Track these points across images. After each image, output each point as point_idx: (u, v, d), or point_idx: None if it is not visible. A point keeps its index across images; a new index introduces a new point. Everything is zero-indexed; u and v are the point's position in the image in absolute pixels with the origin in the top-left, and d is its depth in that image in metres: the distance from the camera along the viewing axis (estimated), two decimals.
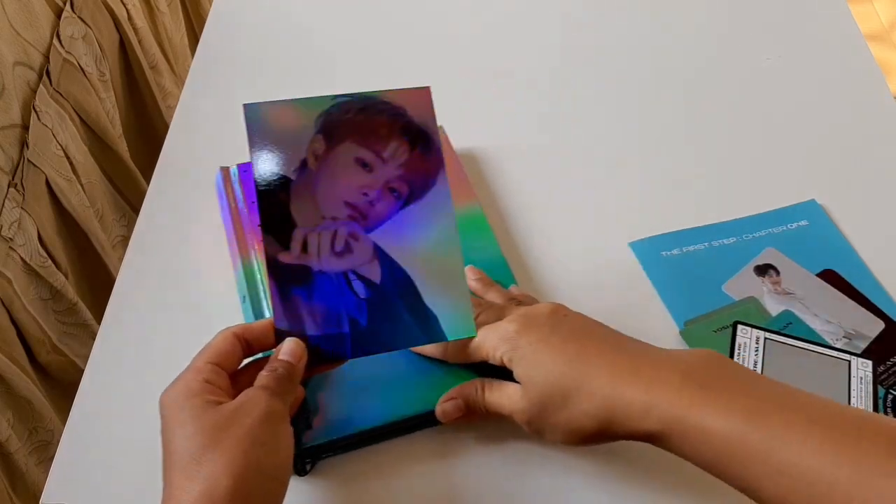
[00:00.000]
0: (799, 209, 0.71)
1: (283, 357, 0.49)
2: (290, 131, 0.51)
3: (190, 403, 0.45)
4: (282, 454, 0.45)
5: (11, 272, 0.79)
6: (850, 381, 0.60)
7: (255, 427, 0.44)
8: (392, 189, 0.52)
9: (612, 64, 0.87)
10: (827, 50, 0.87)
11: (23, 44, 0.85)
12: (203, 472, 0.42)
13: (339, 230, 0.50)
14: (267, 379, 0.47)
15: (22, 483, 0.82)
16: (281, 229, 0.50)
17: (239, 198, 0.67)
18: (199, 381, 0.46)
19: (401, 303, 0.51)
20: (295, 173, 0.51)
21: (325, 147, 0.51)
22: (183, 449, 0.43)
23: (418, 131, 0.52)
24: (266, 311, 0.61)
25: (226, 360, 0.48)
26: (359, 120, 0.52)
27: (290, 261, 0.50)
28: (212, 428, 0.43)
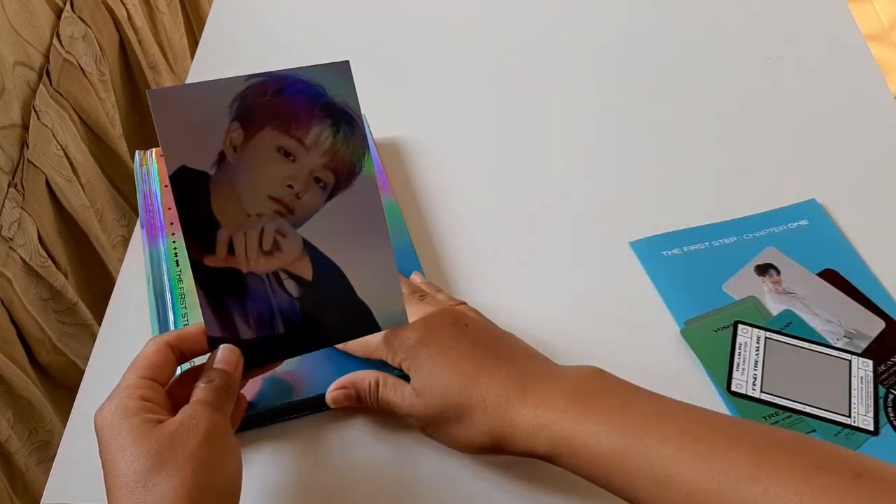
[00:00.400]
0: (799, 209, 0.71)
1: (218, 366, 0.47)
2: (204, 119, 0.46)
3: (128, 424, 0.43)
4: (230, 469, 0.44)
5: (11, 272, 0.79)
6: (851, 380, 0.60)
7: (200, 446, 0.42)
8: (317, 179, 0.49)
9: (612, 63, 0.87)
10: (827, 50, 0.87)
11: (23, 44, 0.85)
12: (151, 497, 0.40)
13: (266, 227, 0.48)
14: (204, 392, 0.46)
15: (22, 483, 0.82)
16: (203, 231, 0.47)
17: (154, 180, 0.68)
18: (135, 398, 0.44)
19: (334, 298, 0.50)
20: (213, 168, 0.47)
21: (244, 136, 0.47)
22: (127, 473, 0.41)
23: (341, 112, 0.49)
24: (167, 295, 0.62)
25: (159, 372, 0.47)
26: (277, 103, 0.48)
27: (216, 265, 0.47)
28: (156, 450, 0.42)
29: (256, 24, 0.93)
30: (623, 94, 0.83)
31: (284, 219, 0.48)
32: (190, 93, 0.47)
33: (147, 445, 0.42)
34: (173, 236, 0.66)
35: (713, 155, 0.77)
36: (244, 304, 0.48)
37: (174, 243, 0.65)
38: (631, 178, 0.75)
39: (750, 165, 0.76)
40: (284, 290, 0.49)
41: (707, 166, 0.76)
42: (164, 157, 0.48)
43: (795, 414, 0.58)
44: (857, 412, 0.58)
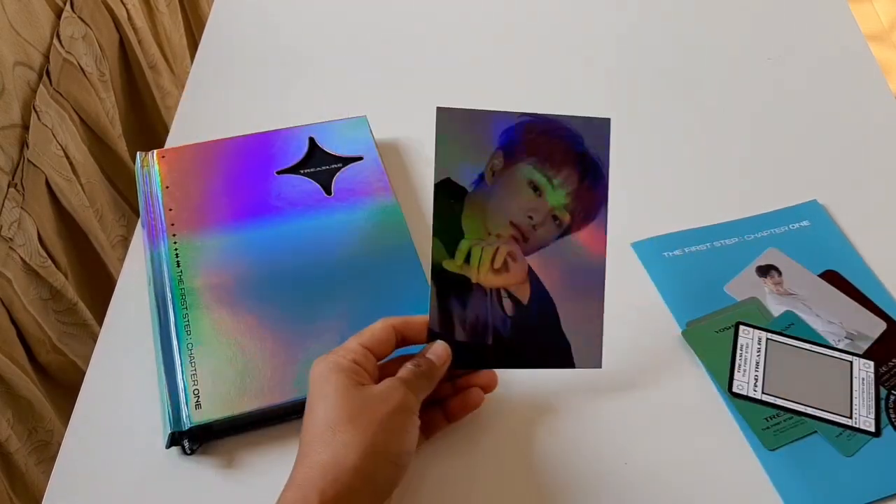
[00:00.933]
0: (800, 210, 0.71)
1: (429, 356, 0.53)
2: (475, 142, 0.53)
3: (335, 378, 0.49)
4: (406, 443, 0.49)
5: (11, 272, 0.79)
6: (853, 381, 0.59)
7: (389, 415, 0.48)
8: (555, 217, 0.55)
9: (613, 64, 0.87)
10: (827, 50, 0.87)
11: (23, 44, 0.85)
12: (336, 442, 0.46)
13: (501, 248, 0.53)
14: (408, 372, 0.51)
15: (21, 483, 0.82)
16: (449, 237, 0.53)
17: (155, 182, 0.70)
18: (349, 360, 0.50)
19: (542, 326, 0.55)
20: (472, 186, 0.53)
21: (504, 164, 0.54)
22: (322, 417, 0.48)
23: (591, 162, 0.55)
24: (168, 295, 0.63)
25: (379, 346, 0.52)
26: (540, 142, 0.54)
27: (452, 269, 0.53)
28: (351, 406, 0.48)
29: (256, 25, 0.93)
30: (623, 95, 0.83)
31: (518, 245, 0.54)
32: (470, 115, 0.53)
33: (346, 400, 0.48)
34: (174, 237, 0.66)
35: (714, 155, 0.77)
36: (465, 309, 0.53)
37: (175, 244, 0.66)
38: (632, 179, 0.75)
39: (751, 166, 0.76)
40: (501, 308, 0.54)
41: (708, 167, 0.76)
42: (435, 166, 0.53)
43: (796, 415, 0.58)
44: (858, 414, 0.58)
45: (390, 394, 0.49)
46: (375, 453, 0.47)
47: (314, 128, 0.75)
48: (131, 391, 0.61)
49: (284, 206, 0.69)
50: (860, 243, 0.68)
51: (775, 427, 0.57)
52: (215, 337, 0.60)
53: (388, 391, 0.49)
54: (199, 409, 0.57)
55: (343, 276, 0.64)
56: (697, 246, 0.69)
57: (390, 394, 0.49)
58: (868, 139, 0.78)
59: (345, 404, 0.48)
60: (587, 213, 0.55)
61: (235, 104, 0.84)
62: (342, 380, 0.49)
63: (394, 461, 0.48)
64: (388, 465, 0.48)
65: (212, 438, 0.58)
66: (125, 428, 0.59)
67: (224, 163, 0.72)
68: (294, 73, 0.87)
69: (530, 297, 0.55)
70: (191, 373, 0.58)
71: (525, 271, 0.54)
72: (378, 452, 0.47)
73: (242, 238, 0.67)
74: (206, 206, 0.69)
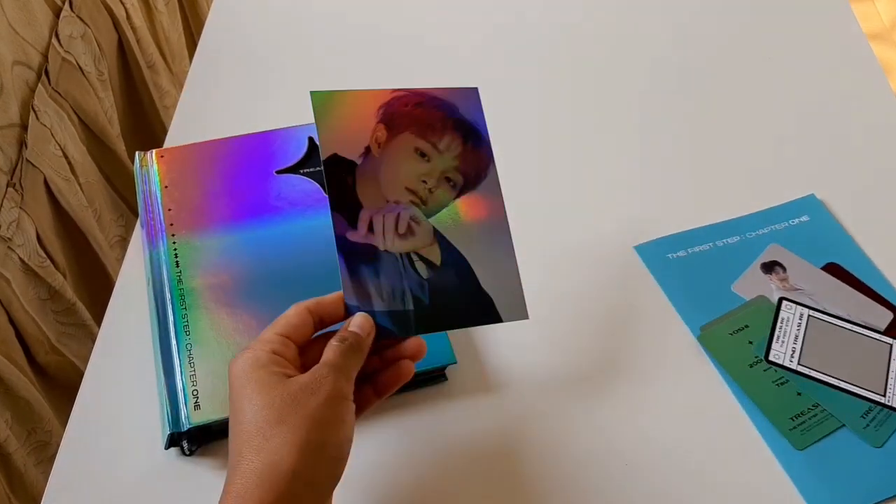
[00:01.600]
0: (799, 205, 0.71)
1: (352, 329, 0.50)
2: (355, 119, 0.55)
3: (257, 375, 0.46)
4: (343, 434, 0.47)
5: (10, 272, 0.79)
6: (891, 363, 0.60)
7: (320, 408, 0.45)
8: (448, 178, 0.56)
9: (612, 64, 0.87)
10: (828, 49, 0.87)
11: (21, 43, 0.85)
12: (268, 446, 0.44)
13: (402, 213, 0.54)
14: (334, 353, 0.48)
15: (20, 483, 0.82)
16: (348, 208, 0.53)
17: (154, 181, 0.70)
18: (267, 352, 0.48)
19: (460, 285, 0.54)
20: (360, 158, 0.54)
21: (387, 136, 0.55)
22: (250, 420, 0.45)
23: (469, 127, 0.57)
24: (167, 295, 0.62)
25: (296, 332, 0.50)
26: (416, 113, 0.56)
27: (357, 239, 0.53)
28: (280, 403, 0.45)
29: (256, 24, 0.93)
30: (623, 95, 0.83)
31: (418, 208, 0.54)
32: (345, 96, 0.55)
33: (271, 398, 0.45)
34: (173, 237, 0.66)
35: (714, 153, 0.77)
36: (378, 278, 0.53)
37: (174, 244, 0.65)
38: (632, 181, 0.75)
39: (750, 163, 0.76)
40: (415, 271, 0.54)
41: (707, 165, 0.76)
42: (319, 144, 0.53)
43: (828, 387, 0.58)
44: (892, 392, 0.59)
45: (319, 383, 0.46)
46: (312, 451, 0.44)
47: (313, 127, 0.75)
48: (130, 392, 0.61)
49: (284, 206, 0.69)
50: (859, 235, 0.69)
51: (802, 426, 0.57)
52: (214, 337, 0.60)
53: (317, 381, 0.46)
54: (198, 410, 0.57)
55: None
56: (700, 246, 0.68)
57: (319, 383, 0.46)
58: (868, 137, 0.78)
59: (271, 402, 0.45)
60: (478, 173, 0.56)
61: (234, 104, 0.84)
62: (264, 375, 0.46)
63: (334, 455, 0.46)
64: (327, 462, 0.45)
65: (211, 439, 0.58)
66: (124, 428, 0.59)
67: (223, 162, 0.72)
68: (293, 73, 0.87)
69: (441, 257, 0.54)
70: (190, 373, 0.58)
71: (431, 233, 0.54)
72: (315, 450, 0.44)
73: (241, 238, 0.66)
74: (205, 205, 0.68)
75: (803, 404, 0.58)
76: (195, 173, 0.71)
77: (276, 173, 0.71)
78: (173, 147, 0.73)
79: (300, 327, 0.50)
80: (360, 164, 0.54)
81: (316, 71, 0.87)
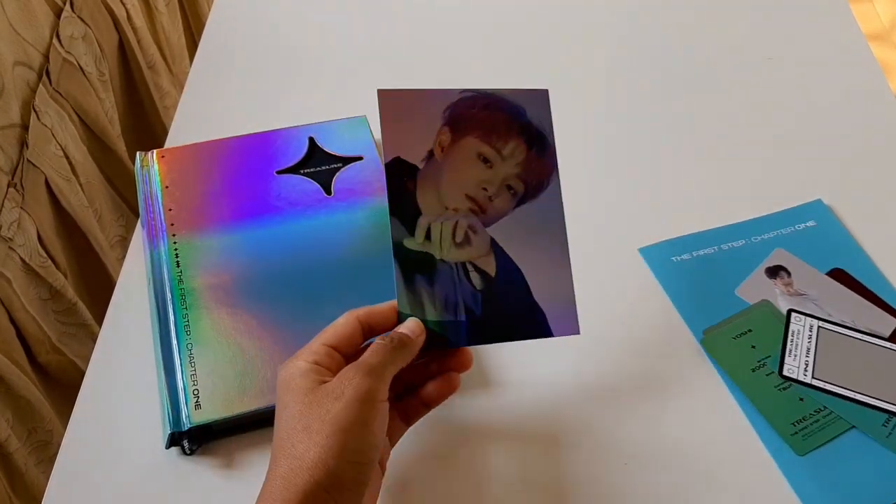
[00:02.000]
0: (806, 209, 0.71)
1: (402, 330, 0.51)
2: (420, 120, 0.53)
3: (295, 384, 0.47)
4: (366, 437, 0.46)
5: (11, 272, 0.79)
6: None
7: (343, 411, 0.45)
8: (509, 186, 0.54)
9: (614, 67, 0.87)
10: (828, 50, 0.87)
11: (22, 43, 0.85)
12: (294, 451, 0.44)
13: (460, 222, 0.53)
14: (370, 353, 0.48)
15: (21, 483, 0.82)
16: (407, 215, 0.52)
17: (155, 181, 0.70)
18: (310, 362, 0.48)
19: (513, 297, 0.54)
20: (423, 162, 0.53)
21: (451, 139, 0.54)
22: (283, 427, 0.46)
23: (535, 132, 0.55)
24: (168, 295, 0.62)
25: (344, 342, 0.50)
26: (482, 116, 0.54)
27: (413, 247, 0.52)
28: (307, 411, 0.45)
29: (256, 25, 0.93)
30: (625, 98, 0.83)
31: (477, 217, 0.53)
32: (413, 94, 0.53)
33: (302, 406, 0.46)
34: (174, 237, 0.66)
35: (717, 157, 0.77)
36: (433, 287, 0.52)
37: (175, 244, 0.65)
38: (636, 183, 0.75)
39: (753, 167, 0.76)
40: (469, 282, 0.53)
41: (712, 169, 0.76)
42: (383, 147, 0.52)
43: (846, 401, 0.58)
44: None
45: (343, 386, 0.46)
46: (334, 455, 0.44)
47: (314, 128, 0.75)
48: (131, 391, 0.61)
49: (284, 206, 0.69)
50: (865, 241, 0.68)
51: (803, 432, 0.57)
52: (215, 337, 0.60)
53: (340, 384, 0.46)
54: (198, 410, 0.57)
55: (343, 276, 0.64)
56: (705, 249, 0.68)
57: (343, 386, 0.46)
58: (869, 138, 0.78)
59: (301, 410, 0.45)
60: (540, 182, 0.55)
61: (235, 104, 0.84)
62: (301, 384, 0.47)
63: (356, 460, 0.45)
64: (350, 466, 0.45)
65: (211, 439, 0.58)
66: (125, 428, 0.59)
67: (224, 163, 0.72)
68: (294, 73, 0.87)
69: (497, 268, 0.54)
70: (190, 373, 0.58)
71: (488, 243, 0.53)
72: (335, 457, 0.44)
73: (242, 238, 0.67)
74: (205, 205, 0.69)
75: (805, 409, 0.58)
76: (196, 173, 0.71)
77: (276, 173, 0.71)
78: (174, 147, 0.74)
79: (348, 337, 0.50)
80: (422, 169, 0.53)
81: (317, 71, 0.87)
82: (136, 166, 0.72)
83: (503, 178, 0.54)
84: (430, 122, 0.53)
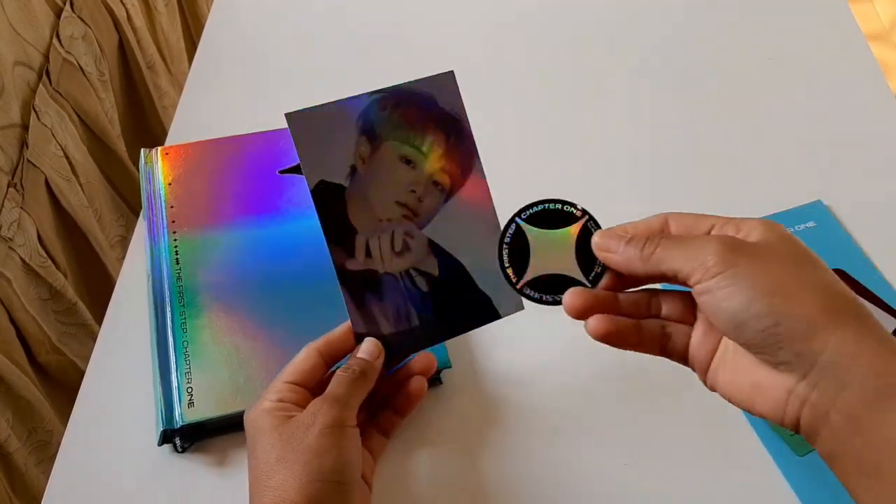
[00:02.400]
0: (805, 210, 0.71)
1: (360, 356, 0.51)
2: (336, 136, 0.53)
3: (263, 422, 0.48)
4: (343, 458, 0.47)
5: (11, 272, 0.79)
6: None
7: (316, 439, 0.46)
8: (436, 183, 0.54)
9: (613, 67, 0.87)
10: (828, 50, 0.87)
11: (22, 44, 0.85)
12: (273, 483, 0.45)
13: (396, 230, 0.53)
14: (335, 385, 0.50)
15: (21, 483, 0.82)
16: (344, 238, 0.52)
17: (158, 178, 0.70)
18: (273, 401, 0.49)
19: (459, 291, 0.54)
20: (347, 179, 0.52)
21: (371, 149, 0.53)
22: (257, 465, 0.47)
23: (450, 119, 0.54)
24: (166, 292, 0.63)
25: (306, 377, 0.51)
26: (395, 116, 0.53)
27: (356, 268, 0.52)
28: (280, 443, 0.47)
29: (257, 25, 0.93)
30: (624, 99, 0.83)
31: (410, 222, 0.53)
32: (322, 111, 0.52)
33: (273, 439, 0.47)
34: (174, 234, 0.66)
35: (716, 158, 0.77)
36: (382, 301, 0.53)
37: (175, 241, 0.66)
38: (635, 184, 0.75)
39: (754, 167, 0.76)
40: (416, 287, 0.53)
41: (711, 169, 0.76)
42: (304, 173, 0.52)
43: None
44: None
45: (314, 417, 0.48)
46: (313, 480, 0.45)
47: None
48: (130, 390, 0.61)
49: (285, 206, 0.69)
50: (865, 242, 0.69)
51: None
52: (211, 336, 0.60)
53: (311, 415, 0.48)
54: (191, 408, 0.57)
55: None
56: None
57: (314, 417, 0.48)
58: (868, 139, 0.78)
59: (273, 443, 0.47)
60: (463, 169, 0.55)
61: (235, 104, 0.84)
62: (269, 421, 0.48)
63: (336, 480, 0.46)
64: (331, 488, 0.46)
65: (205, 437, 0.58)
66: (124, 427, 0.59)
67: (226, 161, 0.72)
68: (294, 73, 0.87)
69: (439, 267, 0.54)
70: (185, 371, 0.58)
71: (426, 245, 0.53)
72: (315, 480, 0.45)
73: (243, 237, 0.67)
74: (207, 203, 0.69)
75: None
76: (199, 171, 0.71)
77: (278, 173, 0.71)
78: (178, 145, 0.74)
79: (309, 371, 0.51)
80: (347, 187, 0.53)
81: (316, 70, 0.87)
82: (139, 163, 0.72)
83: (428, 175, 0.54)
84: (346, 136, 0.53)
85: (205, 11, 1.29)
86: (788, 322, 0.37)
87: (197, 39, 0.92)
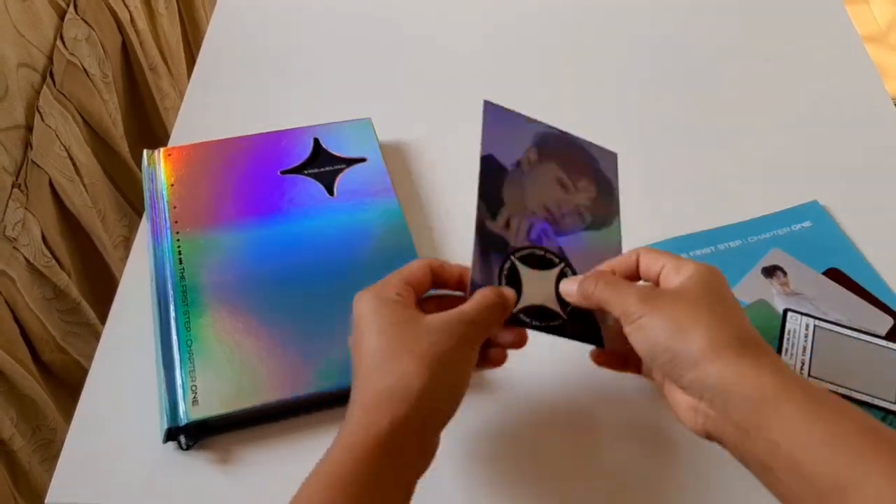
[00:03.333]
0: (802, 210, 0.72)
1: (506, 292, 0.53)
2: (515, 134, 0.59)
3: (385, 310, 0.50)
4: (462, 376, 0.50)
5: (15, 272, 0.80)
6: None
7: (451, 350, 0.49)
8: (580, 213, 0.59)
9: (612, 66, 0.87)
10: (825, 52, 0.88)
11: (26, 45, 0.86)
12: (400, 369, 0.47)
13: (536, 224, 0.57)
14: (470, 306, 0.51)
15: (25, 481, 0.83)
16: (492, 202, 0.56)
17: (161, 179, 0.71)
18: (392, 293, 0.51)
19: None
20: (511, 167, 0.57)
21: (538, 158, 0.59)
22: (381, 348, 0.48)
23: (604, 179, 0.61)
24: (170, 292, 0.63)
25: (417, 284, 0.53)
26: (564, 151, 0.60)
27: (493, 230, 0.55)
28: (412, 337, 0.48)
29: (260, 26, 0.94)
30: (622, 99, 0.84)
31: (550, 226, 0.58)
32: (512, 114, 0.59)
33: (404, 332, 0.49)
34: (177, 234, 0.67)
35: (714, 158, 0.78)
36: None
37: (178, 241, 0.66)
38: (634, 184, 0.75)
39: (750, 168, 0.76)
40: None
41: (708, 170, 0.76)
42: (481, 143, 0.57)
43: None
44: None
45: (455, 327, 0.49)
46: (437, 384, 0.47)
47: (319, 129, 0.76)
48: (134, 389, 0.61)
49: (287, 206, 0.69)
50: (861, 242, 0.69)
51: None
52: (214, 334, 0.61)
53: (454, 325, 0.50)
54: (196, 406, 0.57)
55: (344, 277, 0.65)
56: (702, 250, 0.69)
57: (455, 327, 0.49)
58: (865, 140, 0.79)
59: (404, 335, 0.48)
60: (604, 220, 0.60)
61: (238, 105, 0.84)
62: (393, 312, 0.49)
63: (454, 393, 0.49)
64: (446, 398, 0.48)
65: (209, 434, 0.59)
66: (128, 426, 0.60)
67: (229, 162, 0.73)
68: (298, 75, 0.87)
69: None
70: (189, 369, 0.59)
71: (557, 249, 0.57)
72: (440, 383, 0.47)
73: (245, 237, 0.67)
74: (209, 204, 0.69)
75: None
76: (201, 172, 0.72)
77: (280, 174, 0.72)
78: (180, 146, 0.74)
79: (421, 281, 0.53)
80: (510, 171, 0.57)
81: (317, 73, 0.87)
82: (142, 164, 0.73)
83: (576, 204, 0.59)
84: (523, 139, 0.59)
85: (202, 14, 1.29)
86: (681, 356, 0.46)
87: (194, 42, 0.92)
